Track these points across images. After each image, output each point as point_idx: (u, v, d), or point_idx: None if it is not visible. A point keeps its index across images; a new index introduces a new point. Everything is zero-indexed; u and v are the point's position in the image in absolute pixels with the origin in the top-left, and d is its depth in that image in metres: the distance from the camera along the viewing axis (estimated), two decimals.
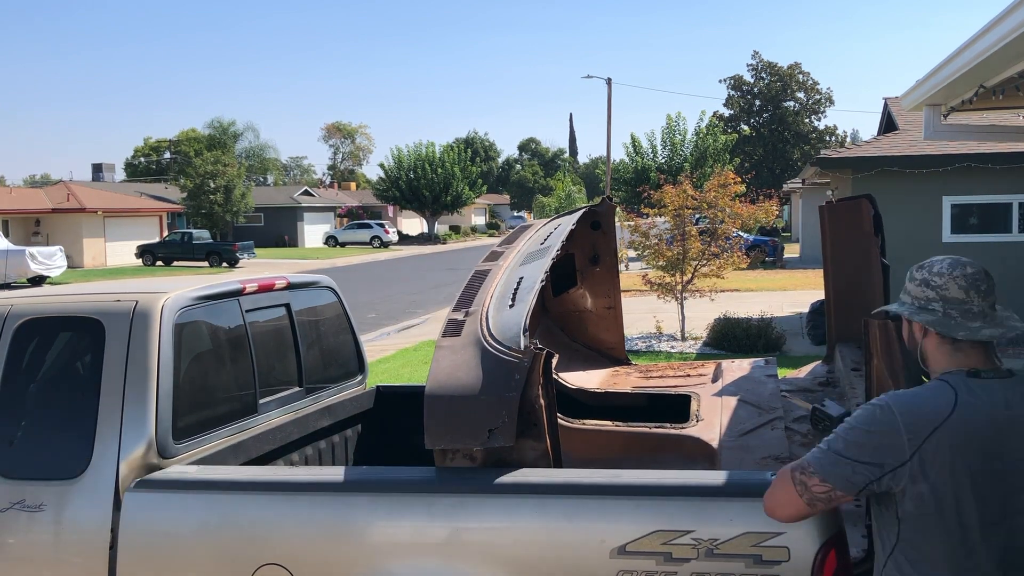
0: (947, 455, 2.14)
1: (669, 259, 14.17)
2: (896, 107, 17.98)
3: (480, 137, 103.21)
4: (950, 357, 2.27)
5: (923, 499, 2.17)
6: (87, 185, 51.21)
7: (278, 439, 4.15)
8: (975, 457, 2.15)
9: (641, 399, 5.06)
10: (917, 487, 2.16)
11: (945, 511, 2.16)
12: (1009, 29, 5.77)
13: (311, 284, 4.81)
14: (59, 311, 3.80)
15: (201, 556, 3.24)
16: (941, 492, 2.15)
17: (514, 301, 3.61)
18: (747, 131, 64.52)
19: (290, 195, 61.25)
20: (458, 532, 3.05)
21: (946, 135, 9.24)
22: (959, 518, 2.16)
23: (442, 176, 58.81)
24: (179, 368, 3.62)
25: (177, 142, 73.60)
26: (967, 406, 2.16)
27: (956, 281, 2.28)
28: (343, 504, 3.18)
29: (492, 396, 3.07)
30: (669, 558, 2.84)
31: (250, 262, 39.92)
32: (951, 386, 2.20)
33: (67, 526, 3.39)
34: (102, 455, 3.41)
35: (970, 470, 2.14)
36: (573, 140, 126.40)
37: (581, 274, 5.81)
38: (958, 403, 2.16)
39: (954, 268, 2.30)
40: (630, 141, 42.18)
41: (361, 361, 5.09)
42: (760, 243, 30.33)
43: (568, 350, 5.74)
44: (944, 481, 2.15)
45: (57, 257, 30.35)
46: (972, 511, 2.15)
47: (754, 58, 67.67)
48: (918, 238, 13.59)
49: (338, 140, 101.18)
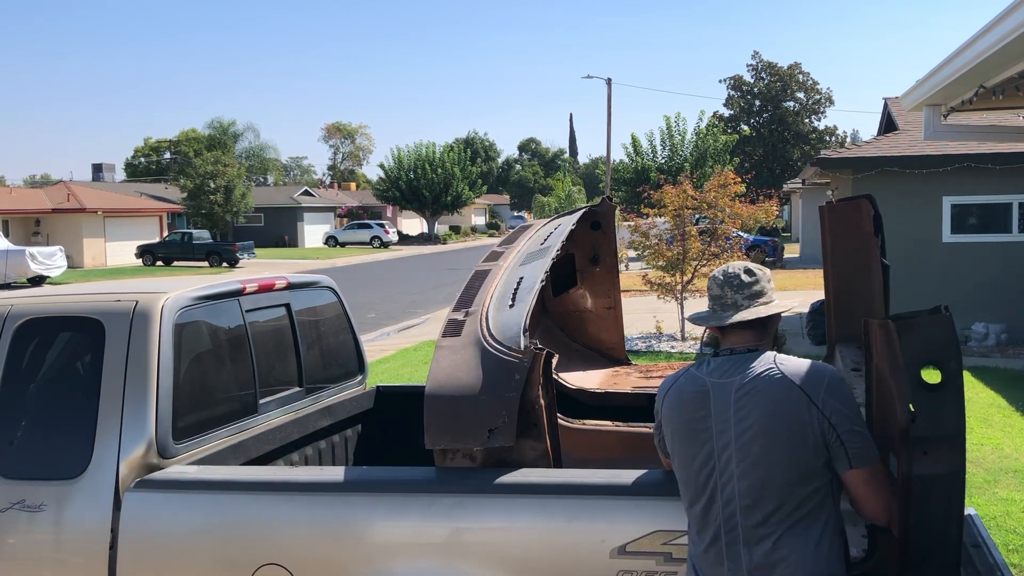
0: (669, 415, 2.72)
1: (669, 259, 14.17)
2: (896, 107, 17.98)
3: (480, 137, 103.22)
4: (723, 340, 2.76)
5: (670, 451, 2.76)
6: (87, 185, 51.19)
7: (278, 439, 4.15)
8: (683, 414, 2.66)
9: (641, 399, 5.05)
10: (666, 443, 2.77)
11: (673, 458, 2.73)
12: (1009, 29, 5.77)
13: (311, 284, 4.81)
14: (59, 311, 3.80)
15: (201, 556, 3.24)
16: (669, 445, 2.75)
17: (514, 301, 3.61)
18: (747, 131, 64.45)
19: (290, 195, 61.23)
20: (458, 532, 3.05)
21: (946, 135, 9.24)
22: (678, 461, 2.70)
23: (442, 176, 58.78)
24: (179, 368, 3.62)
25: (177, 142, 73.57)
26: (689, 377, 2.70)
27: (715, 280, 2.78)
28: (343, 504, 3.18)
29: (492, 396, 3.07)
30: (669, 558, 2.85)
31: (250, 262, 39.92)
32: (692, 365, 2.75)
33: (67, 526, 3.39)
34: (102, 455, 3.41)
35: (678, 425, 2.67)
36: (573, 140, 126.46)
37: (581, 274, 5.81)
38: (685, 374, 2.72)
39: (719, 272, 2.80)
40: (630, 141, 42.18)
41: (361, 361, 5.09)
42: (760, 243, 30.31)
43: (568, 350, 5.73)
44: (669, 435, 2.73)
45: (57, 257, 30.34)
46: (683, 457, 2.67)
47: (754, 58, 67.63)
48: (918, 238, 13.60)
49: (338, 140, 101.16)
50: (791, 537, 2.52)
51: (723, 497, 2.57)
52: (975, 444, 7.95)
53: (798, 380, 2.55)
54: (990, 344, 13.11)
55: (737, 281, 2.72)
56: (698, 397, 2.64)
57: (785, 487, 2.52)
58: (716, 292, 2.75)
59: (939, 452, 2.61)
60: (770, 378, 2.57)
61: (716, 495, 2.59)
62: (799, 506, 2.53)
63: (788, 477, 2.51)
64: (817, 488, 2.55)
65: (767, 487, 2.52)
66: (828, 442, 2.51)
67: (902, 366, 2.66)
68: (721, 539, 2.58)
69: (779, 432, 2.51)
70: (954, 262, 13.64)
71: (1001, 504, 6.44)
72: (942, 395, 2.64)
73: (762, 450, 2.52)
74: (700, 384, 2.66)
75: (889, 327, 2.68)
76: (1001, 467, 7.35)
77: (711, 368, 2.67)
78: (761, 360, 2.63)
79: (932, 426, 2.60)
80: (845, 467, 2.54)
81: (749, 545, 2.54)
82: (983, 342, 13.18)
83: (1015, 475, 7.14)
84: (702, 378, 2.66)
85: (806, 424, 2.51)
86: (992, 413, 9.19)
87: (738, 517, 2.55)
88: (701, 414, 2.62)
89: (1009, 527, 5.99)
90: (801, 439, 2.51)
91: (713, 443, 2.59)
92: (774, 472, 2.52)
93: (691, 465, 2.64)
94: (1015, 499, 6.55)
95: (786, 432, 2.51)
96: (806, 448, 2.51)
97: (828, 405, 2.51)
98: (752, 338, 2.70)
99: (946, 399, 2.64)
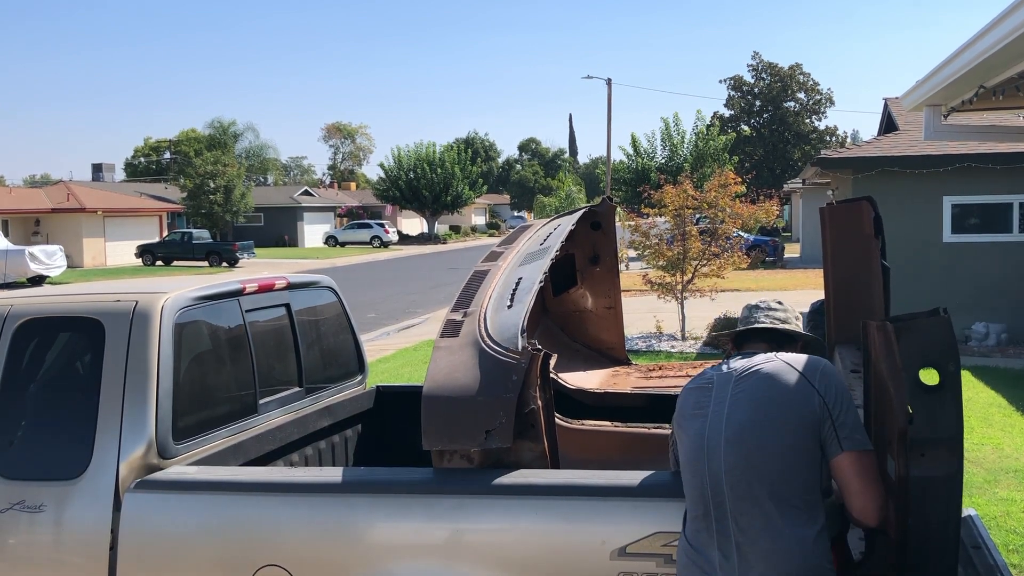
0: (678, 409, 2.86)
1: (669, 259, 14.17)
2: (896, 107, 17.98)
3: (480, 137, 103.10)
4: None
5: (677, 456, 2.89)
6: (87, 185, 51.17)
7: (278, 439, 4.15)
8: (687, 404, 2.82)
9: (641, 399, 5.05)
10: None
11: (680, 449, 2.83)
12: (1009, 29, 5.76)
13: (311, 284, 4.81)
14: (59, 311, 3.80)
15: (201, 557, 3.24)
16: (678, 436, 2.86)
17: (512, 302, 3.60)
18: (747, 131, 64.39)
19: (290, 195, 61.19)
20: (459, 533, 3.05)
21: (946, 135, 9.23)
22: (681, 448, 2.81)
23: (442, 176, 58.74)
24: (179, 368, 3.62)
25: (177, 142, 73.47)
26: (702, 375, 2.85)
27: (746, 307, 2.99)
28: (343, 505, 3.18)
29: (490, 397, 3.07)
30: (669, 559, 2.85)
31: (250, 262, 39.89)
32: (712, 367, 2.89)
33: (67, 527, 3.39)
34: (102, 456, 3.41)
35: (683, 414, 2.82)
36: (573, 140, 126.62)
37: (581, 274, 5.81)
38: (700, 375, 2.86)
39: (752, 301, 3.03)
40: (629, 142, 42.17)
41: (361, 361, 5.09)
42: (760, 243, 30.28)
43: (568, 350, 5.73)
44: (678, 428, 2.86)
45: (57, 257, 30.33)
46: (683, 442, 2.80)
47: (754, 58, 67.54)
48: (918, 238, 13.60)
49: (338, 140, 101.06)
50: (784, 522, 2.55)
51: (711, 475, 2.64)
52: (975, 444, 7.95)
53: (797, 365, 2.68)
54: (990, 344, 13.11)
55: (765, 304, 2.95)
56: (702, 386, 2.81)
57: (781, 469, 2.57)
58: (744, 314, 2.96)
59: (937, 454, 2.61)
60: (769, 364, 2.71)
61: (705, 473, 2.66)
62: (795, 492, 2.56)
63: (784, 458, 2.57)
64: (814, 480, 2.59)
65: (760, 467, 2.58)
66: (822, 422, 2.58)
67: (900, 368, 2.66)
68: (711, 515, 2.64)
69: (775, 412, 2.60)
70: (954, 262, 13.63)
71: (1001, 504, 6.44)
72: (940, 397, 2.64)
73: (758, 429, 2.60)
74: (706, 378, 2.83)
75: (888, 329, 2.68)
76: (1001, 467, 7.35)
77: (720, 367, 2.83)
78: (763, 356, 2.78)
79: (930, 428, 2.61)
80: (836, 450, 2.58)
81: (739, 524, 2.59)
82: (983, 342, 13.17)
83: (1015, 475, 7.14)
84: (709, 373, 2.84)
85: (803, 404, 2.59)
86: (992, 413, 9.19)
87: (726, 495, 2.60)
88: (703, 400, 2.76)
89: (1009, 527, 5.99)
90: (798, 418, 2.59)
91: (707, 423, 2.70)
92: (769, 452, 2.58)
93: (690, 449, 2.73)
94: (1015, 499, 6.55)
95: (783, 411, 2.59)
96: (803, 428, 2.57)
97: (823, 387, 2.62)
98: (765, 350, 2.83)
99: (944, 401, 2.64)
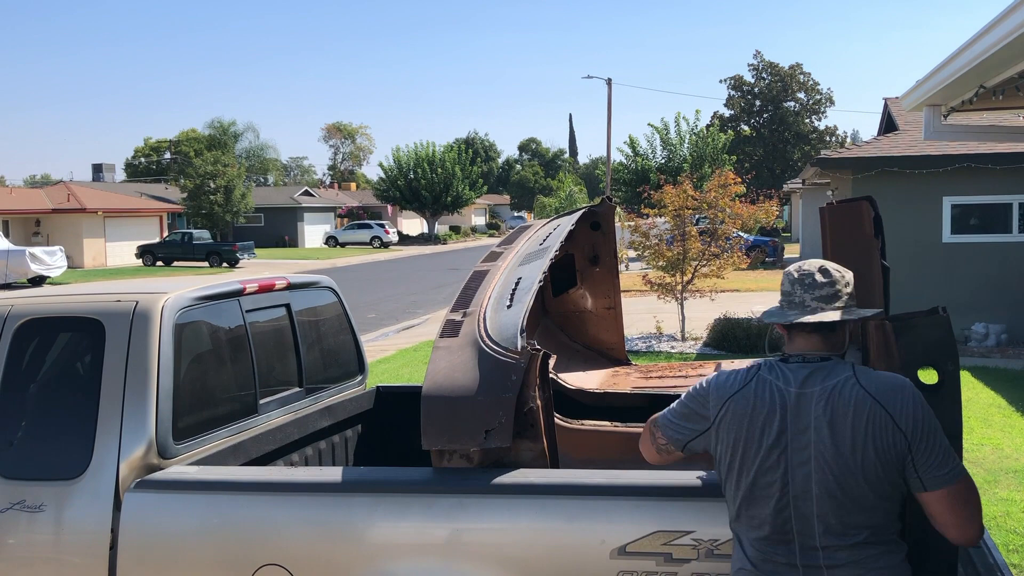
0: (733, 421, 2.52)
1: (669, 259, 14.17)
2: (896, 107, 17.99)
3: (480, 137, 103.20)
4: (787, 344, 2.62)
5: (720, 457, 2.58)
6: (87, 185, 51.19)
7: (278, 439, 4.15)
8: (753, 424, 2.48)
9: (641, 399, 5.05)
10: (718, 447, 2.57)
11: (727, 467, 2.55)
12: (1009, 30, 5.77)
13: (311, 284, 4.81)
14: (59, 311, 3.80)
15: (201, 557, 3.24)
16: (723, 452, 2.56)
17: (512, 302, 3.61)
18: (747, 131, 64.44)
19: (290, 195, 61.22)
20: (458, 533, 3.05)
21: (946, 135, 9.24)
22: (737, 471, 2.52)
23: (442, 176, 58.76)
24: (179, 368, 3.63)
25: (177, 142, 73.55)
26: (761, 382, 2.52)
27: (788, 276, 2.61)
28: (343, 505, 3.18)
29: (489, 397, 3.07)
30: (669, 559, 2.85)
31: (250, 262, 39.91)
32: (759, 367, 2.57)
33: (67, 527, 3.39)
34: (102, 455, 3.41)
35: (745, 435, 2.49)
36: (573, 140, 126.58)
37: (581, 274, 5.81)
38: (756, 379, 2.53)
39: (793, 268, 2.63)
40: (628, 142, 42.12)
41: (361, 361, 5.10)
42: (760, 243, 30.34)
43: (568, 350, 5.73)
44: (729, 443, 2.53)
45: (57, 257, 30.35)
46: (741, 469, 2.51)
47: (755, 58, 67.57)
48: (918, 238, 13.60)
49: (338, 140, 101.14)
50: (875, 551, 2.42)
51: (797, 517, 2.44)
52: (975, 444, 7.96)
53: (880, 398, 2.41)
54: (990, 344, 13.11)
55: (809, 280, 2.56)
56: (773, 408, 2.47)
57: (866, 510, 2.41)
58: (787, 288, 2.60)
59: None
60: (850, 395, 2.42)
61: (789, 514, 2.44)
62: (880, 530, 2.43)
63: (869, 499, 2.40)
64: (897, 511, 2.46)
65: (847, 509, 2.40)
66: (905, 464, 2.40)
67: (899, 367, 2.67)
68: (793, 546, 2.45)
69: (860, 444, 2.38)
70: (954, 262, 13.64)
71: (1001, 504, 6.44)
72: (939, 396, 2.64)
73: (843, 461, 2.39)
74: (775, 393, 2.49)
75: (886, 328, 2.69)
76: (1001, 467, 7.35)
77: (784, 376, 2.51)
78: (838, 372, 2.47)
79: None
80: (919, 488, 2.41)
81: (831, 558, 2.41)
82: (983, 342, 13.17)
83: (1015, 475, 7.14)
84: (777, 385, 2.50)
85: (889, 447, 2.38)
86: (992, 413, 9.20)
87: (817, 538, 2.42)
88: (777, 427, 2.45)
89: (1009, 527, 5.99)
90: (884, 459, 2.39)
91: (788, 459, 2.44)
92: (854, 493, 2.40)
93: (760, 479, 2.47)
94: (1015, 499, 6.55)
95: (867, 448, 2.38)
96: (888, 466, 2.39)
97: (908, 425, 2.38)
98: (820, 344, 2.54)
99: (943, 400, 2.64)
